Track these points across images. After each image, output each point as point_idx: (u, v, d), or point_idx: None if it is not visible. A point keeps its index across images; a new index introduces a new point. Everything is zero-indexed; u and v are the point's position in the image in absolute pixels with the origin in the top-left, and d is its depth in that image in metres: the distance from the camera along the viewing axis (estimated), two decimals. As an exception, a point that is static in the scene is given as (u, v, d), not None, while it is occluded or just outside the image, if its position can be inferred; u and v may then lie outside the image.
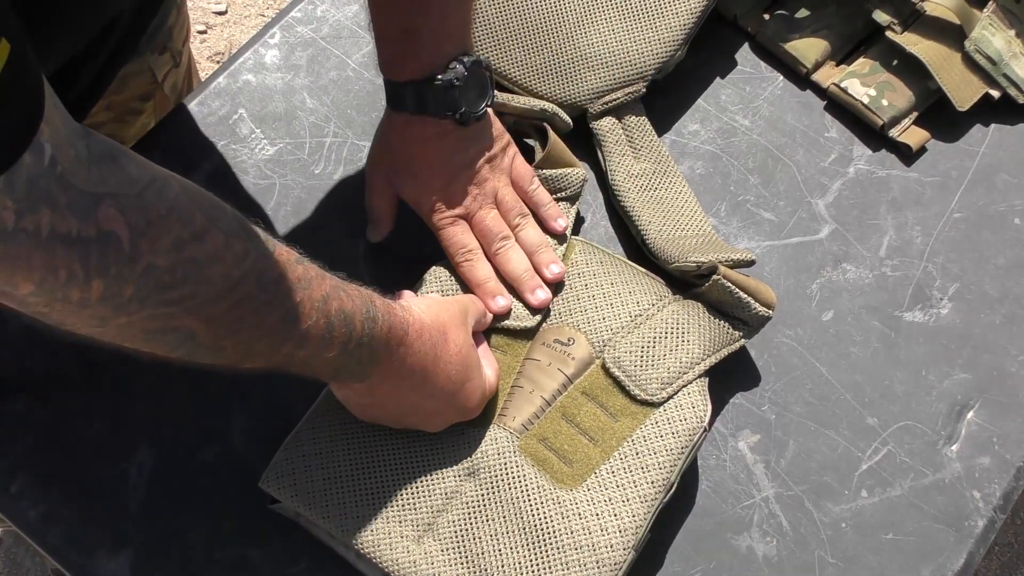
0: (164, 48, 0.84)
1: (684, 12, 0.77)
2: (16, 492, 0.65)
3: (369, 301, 0.54)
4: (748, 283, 0.66)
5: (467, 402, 0.61)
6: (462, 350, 0.60)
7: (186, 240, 0.42)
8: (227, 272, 0.44)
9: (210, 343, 0.47)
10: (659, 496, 0.61)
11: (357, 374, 0.55)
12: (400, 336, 0.56)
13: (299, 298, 0.48)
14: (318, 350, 0.51)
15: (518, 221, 0.70)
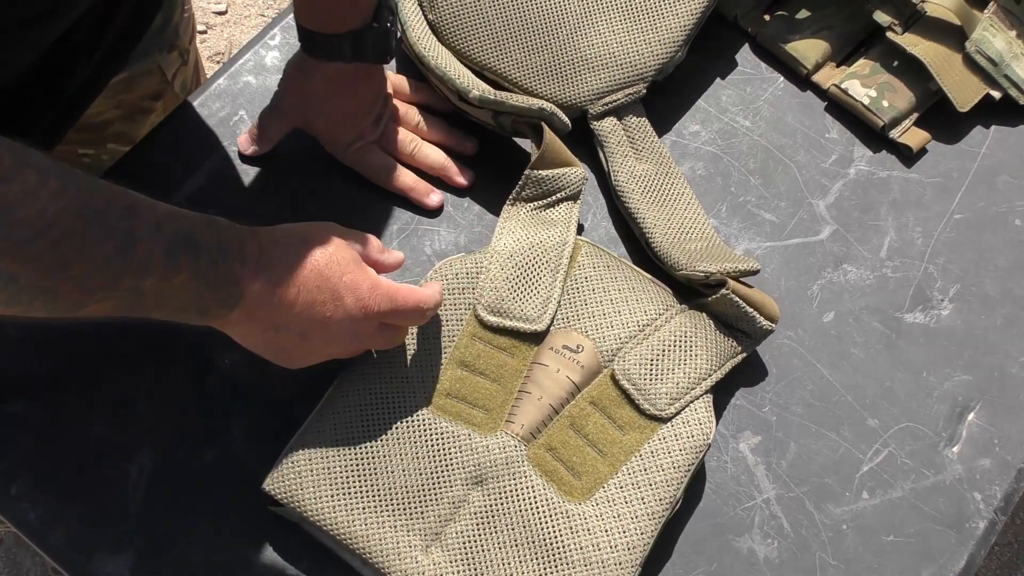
0: (172, 46, 0.84)
1: (684, 13, 0.76)
2: (16, 493, 0.65)
3: (213, 219, 0.53)
4: (755, 297, 0.66)
5: (356, 296, 0.56)
6: (328, 250, 0.56)
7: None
8: (42, 209, 0.43)
9: (36, 284, 0.45)
10: (665, 513, 0.61)
11: (223, 300, 0.53)
12: (255, 245, 0.54)
13: (130, 226, 0.47)
14: (165, 275, 0.49)
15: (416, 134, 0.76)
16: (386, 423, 0.63)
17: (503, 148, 0.79)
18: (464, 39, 0.77)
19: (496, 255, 0.69)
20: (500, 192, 0.73)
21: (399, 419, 0.63)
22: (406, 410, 0.63)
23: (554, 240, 0.70)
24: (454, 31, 0.77)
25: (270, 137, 0.76)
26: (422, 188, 0.75)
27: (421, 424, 0.63)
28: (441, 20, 0.77)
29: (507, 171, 0.75)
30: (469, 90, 0.72)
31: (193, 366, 0.69)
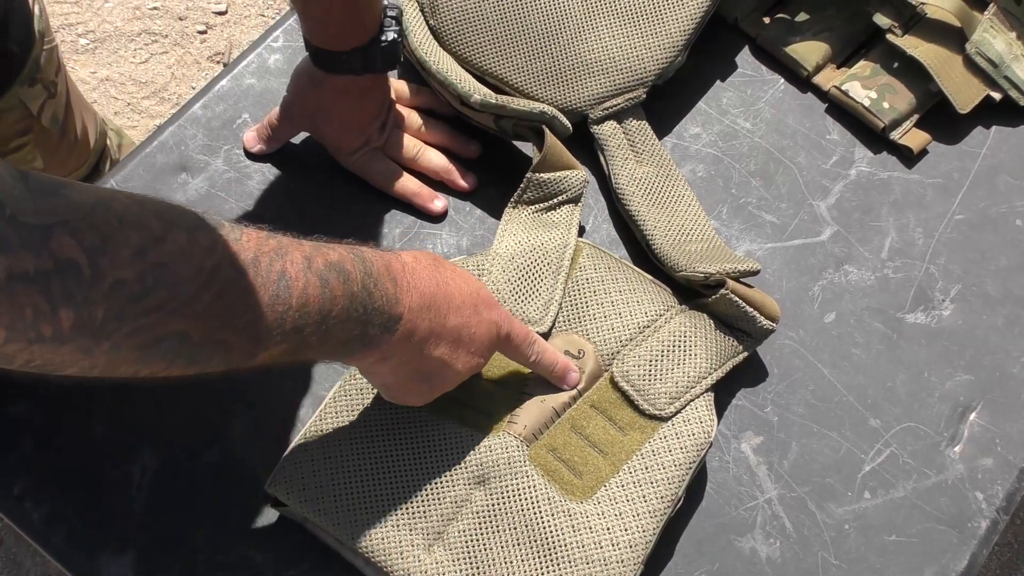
0: (33, 80, 0.83)
1: (684, 18, 0.77)
2: (19, 494, 0.65)
3: (355, 247, 0.53)
4: (755, 297, 0.66)
5: (490, 311, 0.59)
6: (455, 269, 0.59)
7: (147, 246, 0.41)
8: (199, 265, 0.44)
9: (206, 338, 0.45)
10: (667, 511, 0.61)
11: (383, 324, 0.53)
12: (399, 267, 0.55)
13: (282, 266, 0.48)
14: (325, 309, 0.49)
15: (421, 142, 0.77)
16: (389, 423, 0.63)
17: (504, 152, 0.79)
18: (465, 44, 0.77)
19: (498, 257, 0.69)
20: (502, 195, 0.74)
21: (402, 419, 0.63)
22: (408, 411, 0.63)
23: (555, 242, 0.70)
24: (455, 36, 0.77)
25: (277, 138, 0.77)
26: (426, 194, 0.76)
27: (423, 424, 0.63)
28: (442, 25, 0.78)
29: (508, 175, 0.75)
30: (471, 94, 0.72)
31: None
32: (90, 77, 1.65)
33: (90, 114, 1.02)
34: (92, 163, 1.03)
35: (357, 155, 0.75)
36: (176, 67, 1.66)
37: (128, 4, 1.71)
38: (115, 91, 1.64)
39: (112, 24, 1.70)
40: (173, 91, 1.64)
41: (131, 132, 1.60)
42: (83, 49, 1.67)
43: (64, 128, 0.92)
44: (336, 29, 0.68)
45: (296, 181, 0.77)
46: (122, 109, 1.63)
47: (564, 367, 0.64)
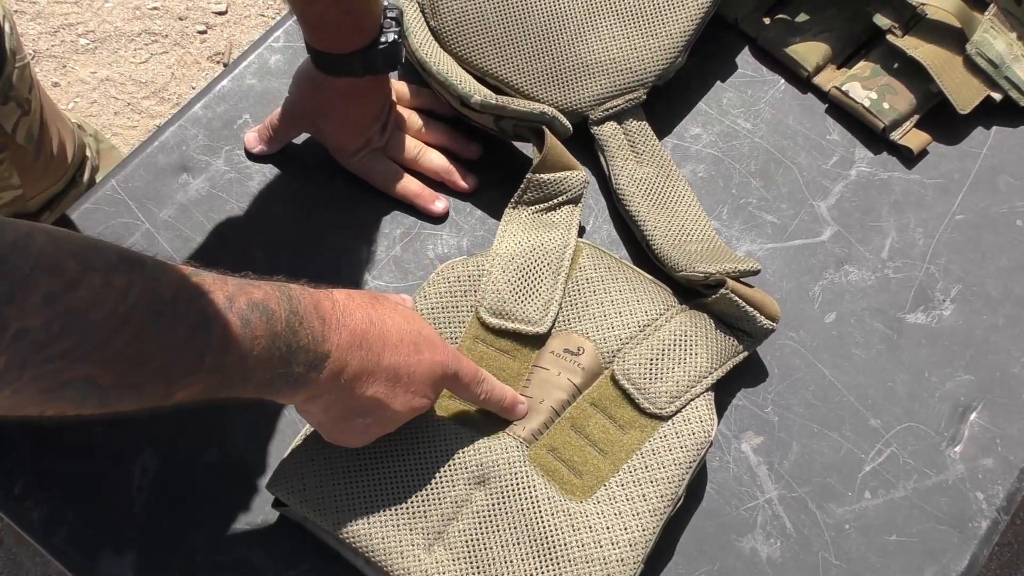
0: (7, 98, 0.83)
1: (684, 19, 0.77)
2: (19, 493, 0.65)
3: (282, 285, 0.52)
4: (755, 296, 0.66)
5: (432, 351, 0.57)
6: (398, 308, 0.58)
7: (57, 293, 0.41)
8: (112, 310, 0.42)
9: (118, 384, 0.44)
10: (668, 510, 0.61)
11: (310, 362, 0.52)
12: (329, 305, 0.53)
13: (201, 306, 0.47)
14: (246, 349, 0.48)
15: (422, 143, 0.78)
16: None
17: (505, 152, 0.79)
18: (466, 45, 0.77)
19: (498, 258, 0.69)
20: (502, 196, 0.74)
21: (402, 419, 0.63)
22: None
23: (555, 243, 0.70)
24: (456, 37, 0.77)
25: (278, 139, 0.77)
26: (427, 195, 0.76)
27: (423, 424, 0.63)
28: (443, 26, 0.78)
29: (509, 175, 0.75)
30: (471, 95, 0.72)
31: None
32: (90, 77, 1.65)
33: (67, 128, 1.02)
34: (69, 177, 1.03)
35: (358, 156, 0.75)
36: (176, 67, 1.66)
37: (128, 4, 1.71)
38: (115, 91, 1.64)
39: (112, 24, 1.69)
40: (173, 91, 1.64)
41: (131, 132, 1.60)
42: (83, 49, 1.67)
43: (40, 144, 0.92)
44: (334, 33, 0.68)
45: (297, 182, 0.77)
46: (122, 109, 1.63)
47: (512, 401, 0.63)
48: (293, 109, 0.75)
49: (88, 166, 1.08)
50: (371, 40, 0.69)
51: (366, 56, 0.69)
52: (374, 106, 0.74)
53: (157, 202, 0.75)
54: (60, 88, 1.63)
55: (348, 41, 0.68)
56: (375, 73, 0.71)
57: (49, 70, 1.64)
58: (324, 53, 0.69)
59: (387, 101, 0.75)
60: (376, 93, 0.74)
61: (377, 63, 0.70)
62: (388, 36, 0.69)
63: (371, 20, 0.69)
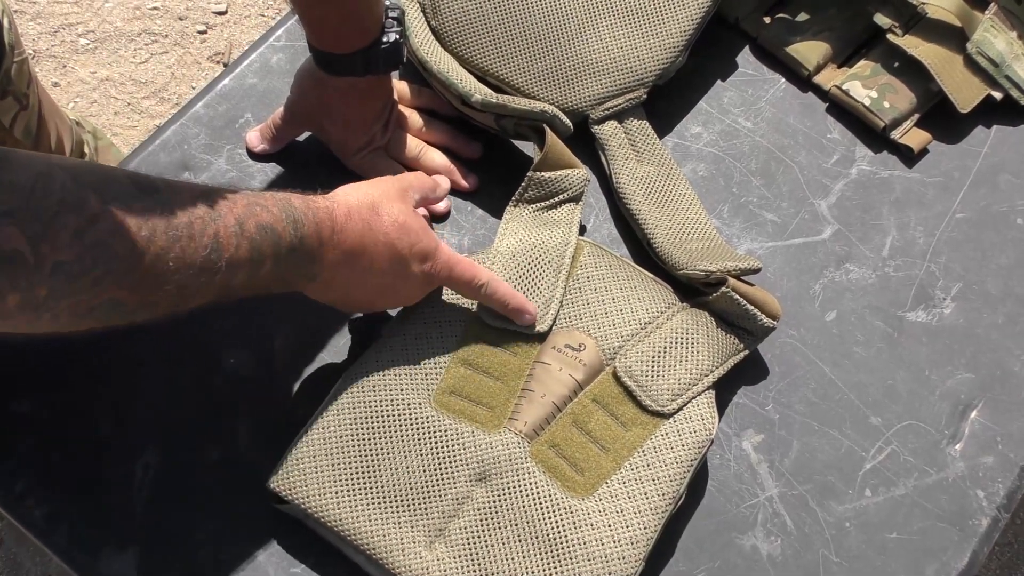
0: (5, 92, 0.84)
1: (684, 19, 0.77)
2: (21, 491, 0.65)
3: (288, 205, 0.56)
4: (755, 295, 0.66)
5: (422, 264, 0.62)
6: (398, 218, 0.61)
7: (84, 228, 0.44)
8: (133, 238, 0.46)
9: (139, 303, 0.49)
10: (669, 508, 0.62)
11: (304, 275, 0.58)
12: (329, 226, 0.57)
13: (214, 231, 0.50)
14: (253, 270, 0.53)
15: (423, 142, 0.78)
16: (390, 420, 0.63)
17: (505, 151, 0.79)
18: (467, 45, 0.77)
19: (499, 255, 0.69)
20: (502, 195, 0.74)
21: (403, 416, 0.63)
22: (410, 407, 0.64)
23: (556, 241, 0.70)
24: (457, 37, 0.78)
25: (280, 139, 0.77)
26: None
27: (425, 421, 0.63)
28: (444, 26, 0.78)
29: (509, 174, 0.75)
30: (472, 94, 0.72)
31: (198, 365, 0.69)
32: (90, 77, 1.65)
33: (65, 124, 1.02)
34: None
35: (360, 155, 0.75)
36: (176, 67, 1.66)
37: (128, 4, 1.71)
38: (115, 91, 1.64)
39: (112, 24, 1.70)
40: (173, 91, 1.64)
41: (131, 132, 1.61)
42: (83, 49, 1.67)
43: (37, 140, 0.92)
44: (336, 33, 0.68)
45: (299, 181, 0.77)
46: (122, 109, 1.63)
47: (518, 305, 0.65)
48: (295, 108, 0.75)
49: None
50: (373, 40, 0.69)
51: (368, 56, 0.69)
52: (376, 105, 0.74)
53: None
54: (60, 88, 1.63)
55: (350, 41, 0.68)
56: (377, 73, 0.71)
57: (49, 70, 1.64)
58: (326, 53, 0.69)
59: (389, 100, 0.75)
60: (378, 92, 0.74)
61: (379, 63, 0.70)
62: (390, 36, 0.70)
63: (373, 20, 0.69)
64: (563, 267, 0.69)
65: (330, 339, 0.71)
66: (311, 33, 0.69)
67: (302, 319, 0.71)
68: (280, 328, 0.71)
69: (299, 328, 0.71)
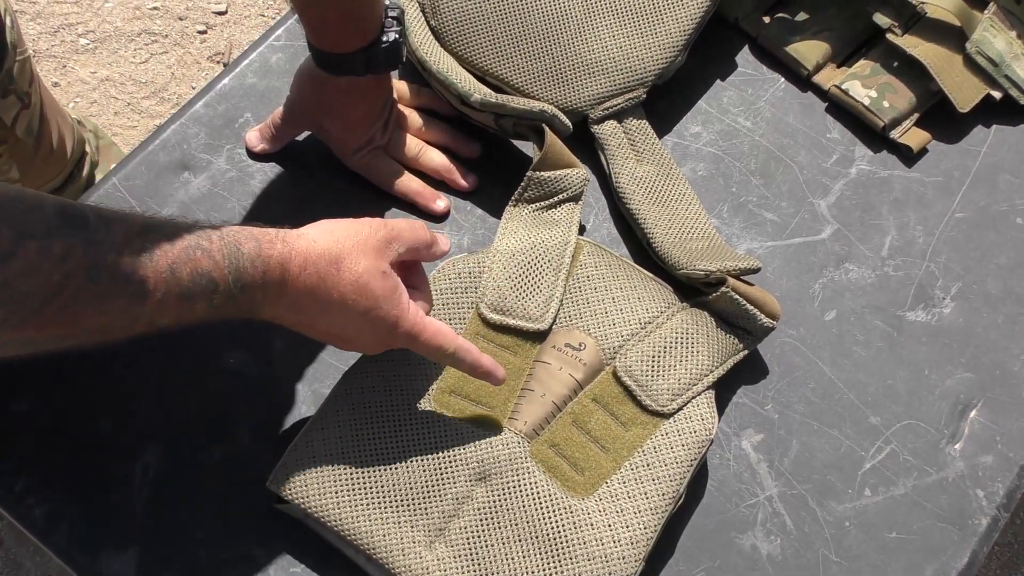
0: (7, 91, 0.84)
1: (684, 18, 0.77)
2: (21, 491, 0.65)
3: (235, 250, 0.52)
4: (755, 295, 0.66)
5: (378, 330, 0.58)
6: (361, 277, 0.57)
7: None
8: (47, 279, 0.43)
9: (55, 341, 0.46)
10: (669, 507, 0.62)
11: (244, 314, 0.55)
12: (279, 277, 0.54)
13: (142, 275, 0.47)
14: (181, 312, 0.50)
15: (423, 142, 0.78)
16: (390, 420, 0.63)
17: (505, 151, 0.79)
18: (466, 44, 0.77)
19: (499, 254, 0.69)
20: (502, 195, 0.74)
21: (403, 416, 0.63)
22: (410, 407, 0.64)
23: (556, 240, 0.70)
24: (456, 37, 0.78)
25: (280, 139, 0.77)
26: (428, 193, 0.76)
27: (425, 421, 0.63)
28: (443, 26, 0.78)
29: (509, 174, 0.75)
30: (471, 94, 0.73)
31: (199, 365, 0.69)
32: (90, 77, 1.65)
33: (66, 123, 1.02)
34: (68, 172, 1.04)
35: (360, 154, 0.75)
36: (176, 67, 1.66)
37: (128, 4, 1.71)
38: (115, 91, 1.64)
39: (112, 24, 1.70)
40: (173, 91, 1.64)
41: (131, 132, 1.61)
42: (83, 49, 1.67)
43: (39, 138, 0.92)
44: (336, 32, 0.68)
45: (298, 181, 0.77)
46: (122, 109, 1.63)
47: (488, 368, 0.62)
48: (295, 108, 0.75)
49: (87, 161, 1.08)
50: (373, 39, 0.69)
51: (368, 55, 0.69)
52: (376, 105, 0.74)
53: (158, 200, 0.75)
54: (60, 88, 1.63)
55: (350, 40, 0.68)
56: (377, 72, 0.71)
57: (49, 70, 1.64)
58: (326, 52, 0.69)
59: (388, 100, 0.75)
60: (378, 92, 0.74)
61: (379, 62, 0.70)
62: (389, 35, 0.70)
63: (372, 20, 0.69)
64: (563, 266, 0.69)
65: (330, 339, 0.71)
66: (311, 33, 0.69)
67: (302, 319, 0.71)
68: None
69: (299, 328, 0.71)
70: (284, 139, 0.77)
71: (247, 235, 0.53)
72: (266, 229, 0.55)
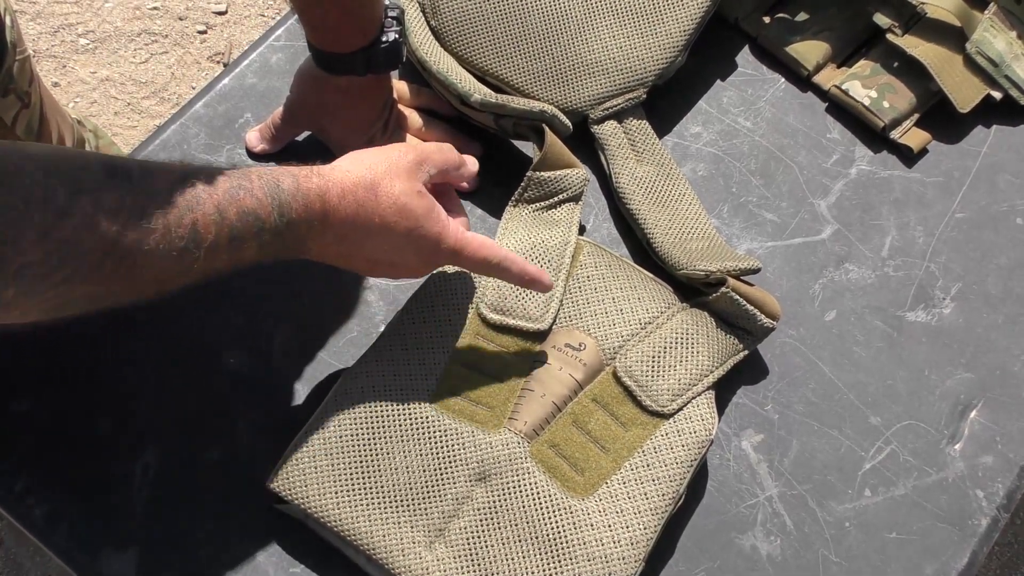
0: (7, 91, 0.84)
1: (684, 18, 0.77)
2: (21, 491, 0.65)
3: (275, 187, 0.53)
4: (755, 295, 0.66)
5: (423, 249, 0.60)
6: (399, 199, 0.58)
7: (51, 224, 0.43)
8: (104, 232, 0.45)
9: (117, 294, 0.48)
10: (669, 507, 0.62)
11: (291, 251, 0.56)
12: (320, 209, 0.55)
13: (191, 219, 0.49)
14: (233, 254, 0.52)
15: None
16: (390, 420, 0.63)
17: (505, 151, 0.79)
18: (466, 45, 0.77)
19: (499, 255, 0.69)
20: (502, 195, 0.74)
21: (403, 416, 0.63)
22: (409, 407, 0.64)
23: (556, 240, 0.70)
24: (456, 37, 0.78)
25: (280, 139, 0.77)
26: None
27: (424, 421, 0.63)
28: (443, 26, 0.78)
29: (509, 174, 0.75)
30: (471, 94, 0.73)
31: (198, 365, 0.69)
32: (90, 77, 1.65)
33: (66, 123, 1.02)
34: None
35: None
36: (176, 67, 1.66)
37: (128, 4, 1.71)
38: (115, 91, 1.64)
39: (112, 24, 1.70)
40: (173, 91, 1.64)
41: (131, 132, 1.61)
42: (83, 49, 1.67)
43: (39, 138, 0.92)
44: (336, 32, 0.68)
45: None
46: (122, 109, 1.63)
47: (534, 275, 0.63)
48: (295, 108, 0.75)
49: None
50: (373, 39, 0.69)
51: (368, 55, 0.69)
52: (376, 104, 0.74)
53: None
54: (60, 88, 1.63)
55: (350, 40, 0.68)
56: (377, 72, 0.71)
57: (49, 70, 1.64)
58: (326, 52, 0.69)
59: (389, 99, 0.75)
60: (378, 91, 0.74)
61: (379, 62, 0.70)
62: (389, 35, 0.70)
63: (372, 20, 0.69)
64: (563, 266, 0.69)
65: (330, 339, 0.71)
66: (311, 32, 0.69)
67: (302, 319, 0.71)
68: (280, 328, 0.71)
69: (299, 328, 0.71)
70: (284, 139, 0.77)
71: (283, 172, 0.55)
72: (300, 166, 0.57)
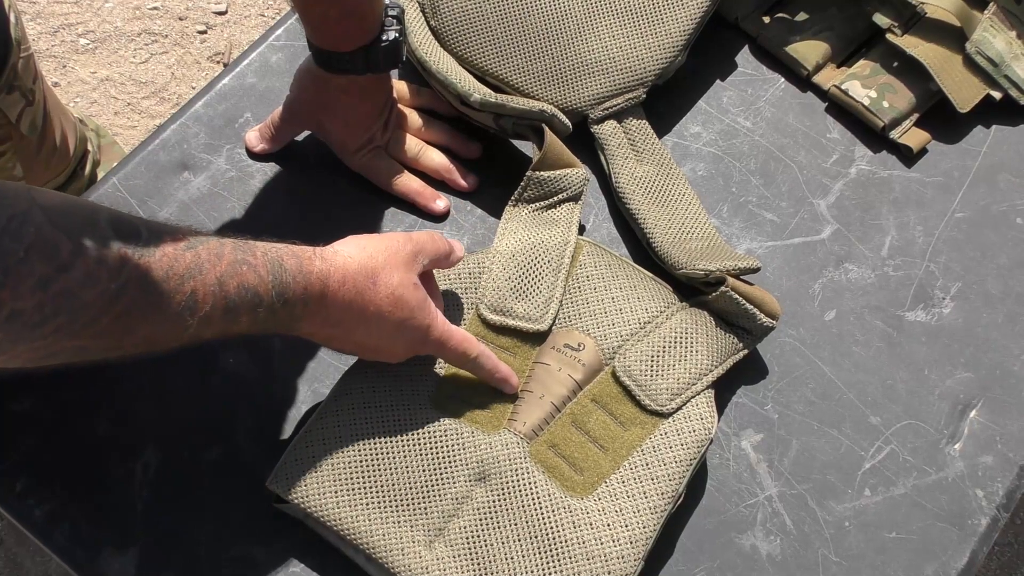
0: (11, 87, 0.84)
1: (684, 18, 0.77)
2: (21, 490, 0.65)
3: (278, 266, 0.54)
4: (755, 294, 0.66)
5: (411, 340, 0.61)
6: (395, 291, 0.59)
7: (51, 275, 0.42)
8: (103, 289, 0.44)
9: (105, 350, 0.48)
10: (668, 507, 0.62)
11: (282, 329, 0.57)
12: (319, 293, 0.56)
13: (191, 287, 0.49)
14: (225, 326, 0.52)
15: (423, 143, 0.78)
16: (389, 420, 0.63)
17: (505, 151, 0.79)
18: (466, 45, 0.77)
19: (498, 255, 0.69)
20: (502, 195, 0.74)
21: (402, 416, 0.63)
22: (409, 407, 0.64)
23: (556, 240, 0.70)
24: (456, 37, 0.78)
25: (280, 138, 0.77)
26: (429, 193, 0.76)
27: (424, 421, 0.63)
28: (443, 26, 0.78)
29: (509, 173, 0.75)
30: (471, 94, 0.73)
31: (198, 365, 0.69)
32: (90, 77, 1.65)
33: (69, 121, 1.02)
34: (71, 170, 1.04)
35: (360, 154, 0.75)
36: (176, 67, 1.66)
37: (128, 4, 1.71)
38: (115, 91, 1.64)
39: (112, 24, 1.70)
40: (173, 91, 1.64)
41: (131, 132, 1.61)
42: (83, 49, 1.67)
43: (43, 136, 0.92)
44: (336, 31, 0.68)
45: (298, 180, 0.77)
46: (122, 109, 1.63)
47: (504, 375, 0.64)
48: (295, 107, 0.75)
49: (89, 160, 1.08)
50: (373, 38, 0.69)
51: (368, 54, 0.69)
52: (376, 104, 0.74)
53: (158, 200, 0.75)
54: (60, 88, 1.63)
55: (350, 39, 0.68)
56: (377, 71, 0.71)
57: (49, 70, 1.64)
58: (326, 51, 0.69)
59: (388, 99, 0.75)
60: (378, 91, 0.74)
61: (379, 61, 0.70)
62: (389, 34, 0.70)
63: (373, 18, 0.69)
64: (563, 266, 0.69)
65: (330, 339, 0.71)
66: (311, 31, 0.69)
67: (302, 319, 0.71)
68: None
69: (299, 328, 0.71)
70: (284, 139, 0.77)
71: (288, 251, 0.55)
72: (302, 246, 0.57)
